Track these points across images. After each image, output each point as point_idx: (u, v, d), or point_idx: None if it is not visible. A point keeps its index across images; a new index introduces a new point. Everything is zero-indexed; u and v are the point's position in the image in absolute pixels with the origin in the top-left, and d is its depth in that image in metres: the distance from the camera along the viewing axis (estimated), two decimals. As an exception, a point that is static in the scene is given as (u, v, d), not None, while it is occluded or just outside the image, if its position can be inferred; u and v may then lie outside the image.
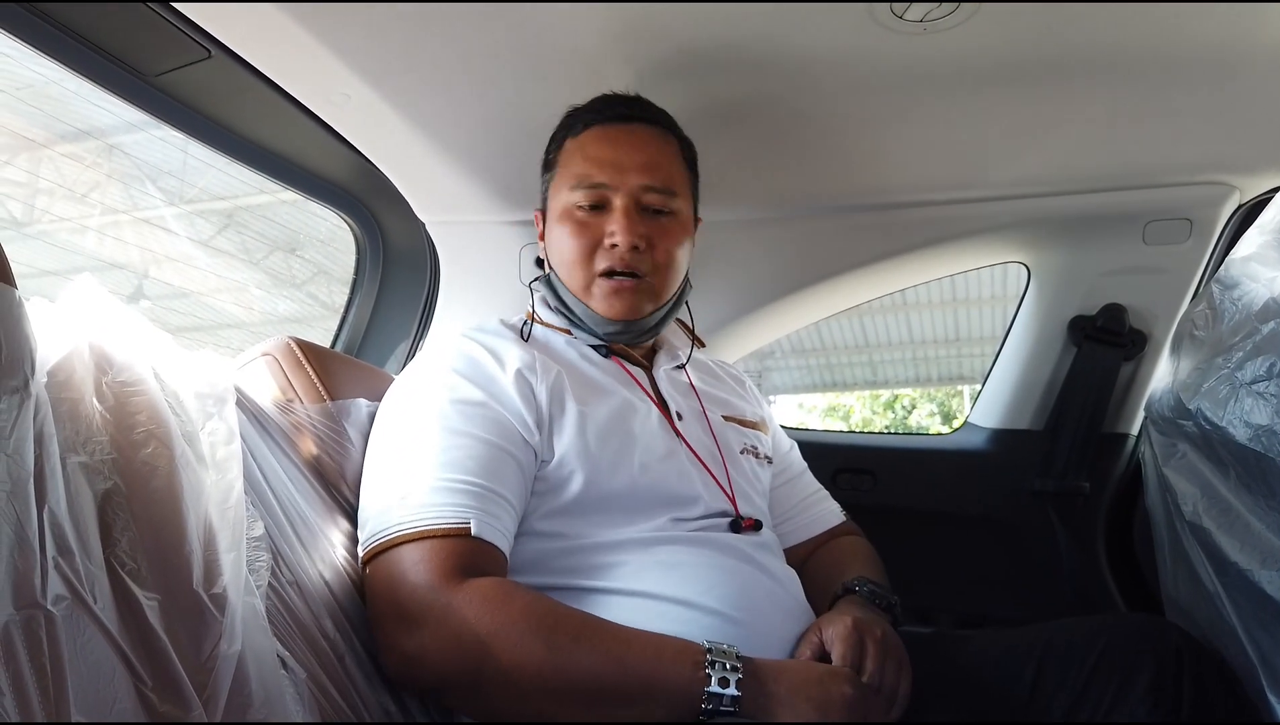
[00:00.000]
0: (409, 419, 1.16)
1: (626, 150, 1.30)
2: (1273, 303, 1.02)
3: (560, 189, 1.32)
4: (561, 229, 1.31)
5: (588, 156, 1.30)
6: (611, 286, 1.28)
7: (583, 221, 1.29)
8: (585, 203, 1.29)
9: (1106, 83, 1.38)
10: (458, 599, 0.98)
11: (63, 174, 2.49)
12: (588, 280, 1.30)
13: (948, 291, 8.73)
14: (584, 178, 1.29)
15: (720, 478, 1.27)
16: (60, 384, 0.77)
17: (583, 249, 1.29)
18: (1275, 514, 0.97)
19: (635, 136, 1.31)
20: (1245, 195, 1.70)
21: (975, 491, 1.95)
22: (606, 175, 1.28)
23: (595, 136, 1.32)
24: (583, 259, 1.29)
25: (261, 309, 3.66)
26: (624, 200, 1.28)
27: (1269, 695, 1.03)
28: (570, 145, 1.33)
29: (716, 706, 0.94)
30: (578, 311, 1.32)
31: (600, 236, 1.28)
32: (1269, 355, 0.98)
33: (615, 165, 1.28)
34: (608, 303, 1.29)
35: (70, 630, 0.64)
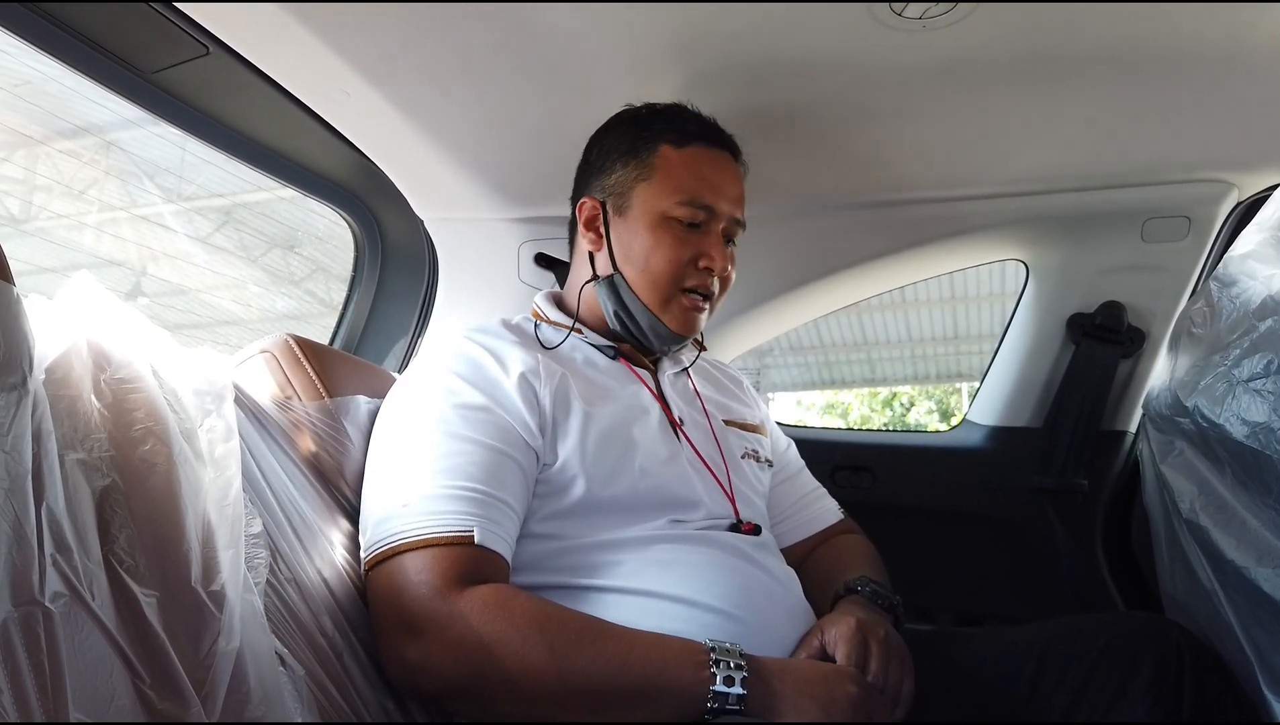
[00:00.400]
0: (411, 423, 1.15)
1: (728, 180, 1.33)
2: (1270, 300, 1.02)
3: (659, 196, 1.30)
4: (656, 236, 1.29)
5: (700, 175, 1.30)
6: (691, 305, 1.31)
7: (683, 237, 1.29)
8: (688, 219, 1.29)
9: (1105, 80, 1.38)
10: (460, 607, 0.98)
11: (60, 171, 2.49)
12: (671, 294, 1.30)
13: (946, 289, 8.74)
14: (695, 195, 1.29)
15: (723, 482, 1.27)
16: (58, 381, 0.77)
17: (679, 264, 1.29)
18: (1271, 511, 0.97)
19: (730, 168, 1.35)
20: (1244, 193, 1.70)
21: (974, 489, 1.95)
22: (714, 200, 1.30)
23: (705, 156, 1.32)
24: (676, 274, 1.29)
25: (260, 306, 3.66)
26: (720, 226, 1.32)
27: (1266, 693, 1.03)
28: (673, 153, 1.31)
29: (722, 705, 0.94)
30: (641, 321, 1.31)
31: (695, 256, 1.29)
32: (1266, 352, 0.98)
33: (721, 192, 1.31)
34: (683, 320, 1.31)
35: (68, 627, 0.64)
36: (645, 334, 1.32)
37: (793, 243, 1.89)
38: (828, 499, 1.51)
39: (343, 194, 1.86)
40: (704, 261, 1.29)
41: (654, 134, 1.32)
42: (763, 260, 1.90)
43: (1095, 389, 1.82)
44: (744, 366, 9.10)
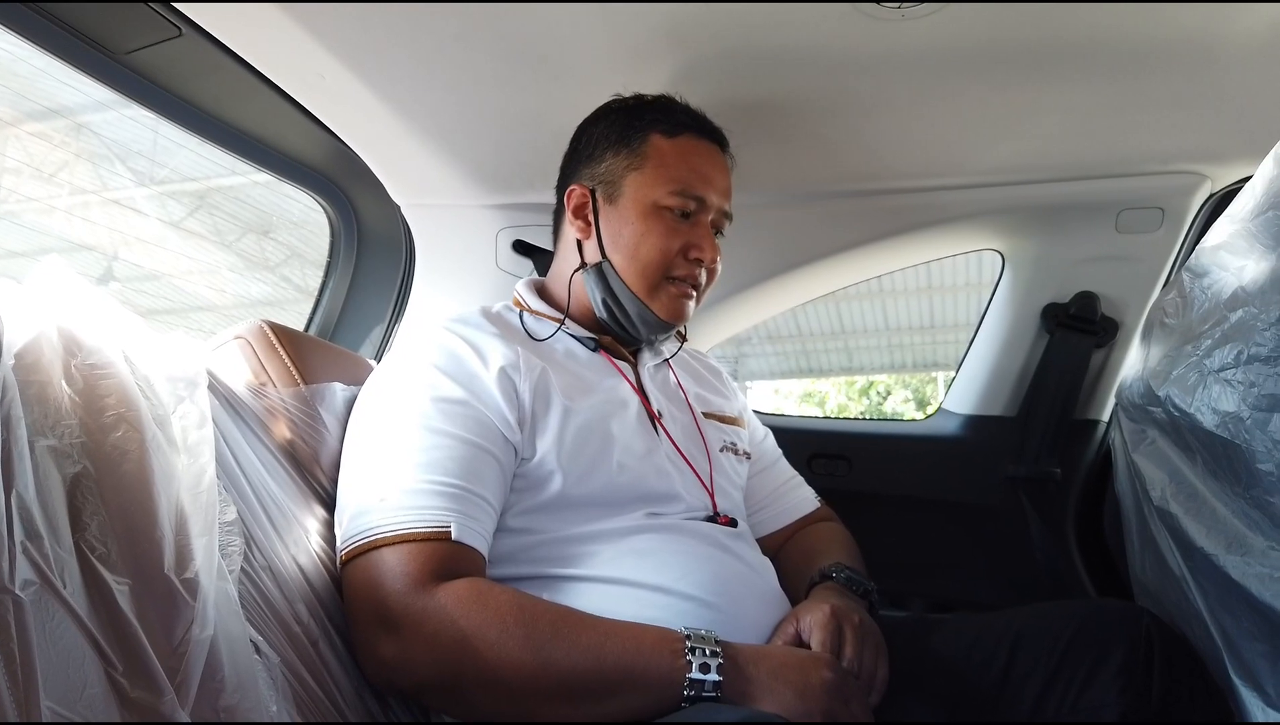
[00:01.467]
0: (388, 416, 1.15)
1: (718, 172, 1.34)
2: (1241, 291, 1.03)
3: (651, 185, 1.30)
4: (647, 225, 1.29)
5: (692, 167, 1.31)
6: (679, 292, 1.31)
7: (674, 227, 1.30)
8: (679, 209, 1.30)
9: (1081, 72, 1.39)
10: (436, 602, 0.98)
11: (30, 153, 2.45)
12: (659, 282, 1.30)
13: (923, 278, 8.79)
14: (687, 186, 1.29)
15: (703, 475, 1.27)
16: (28, 367, 0.76)
17: (669, 253, 1.29)
18: (1241, 500, 0.99)
19: (720, 161, 1.36)
20: (1216, 185, 1.71)
21: (949, 477, 1.97)
22: (705, 191, 1.31)
23: (696, 147, 1.33)
24: (665, 262, 1.29)
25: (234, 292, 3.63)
26: (709, 217, 1.33)
27: (1233, 678, 1.05)
28: (664, 143, 1.31)
29: (698, 692, 0.95)
30: (630, 309, 1.31)
31: (685, 245, 1.30)
32: (1237, 343, 0.99)
33: (712, 183, 1.32)
34: (671, 308, 1.31)
35: (39, 615, 0.63)
36: (633, 322, 1.32)
37: (771, 231, 1.89)
38: (804, 488, 1.52)
39: (318, 179, 1.84)
40: (694, 252, 1.30)
41: (645, 123, 1.32)
42: (741, 249, 1.90)
43: (1069, 378, 1.84)
44: (722, 355, 9.12)
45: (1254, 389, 0.95)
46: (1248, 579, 0.97)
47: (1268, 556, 0.95)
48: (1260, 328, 0.97)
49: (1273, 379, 0.93)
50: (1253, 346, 0.96)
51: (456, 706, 1.02)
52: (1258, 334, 0.97)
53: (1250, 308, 1.00)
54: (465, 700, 0.99)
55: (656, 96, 1.37)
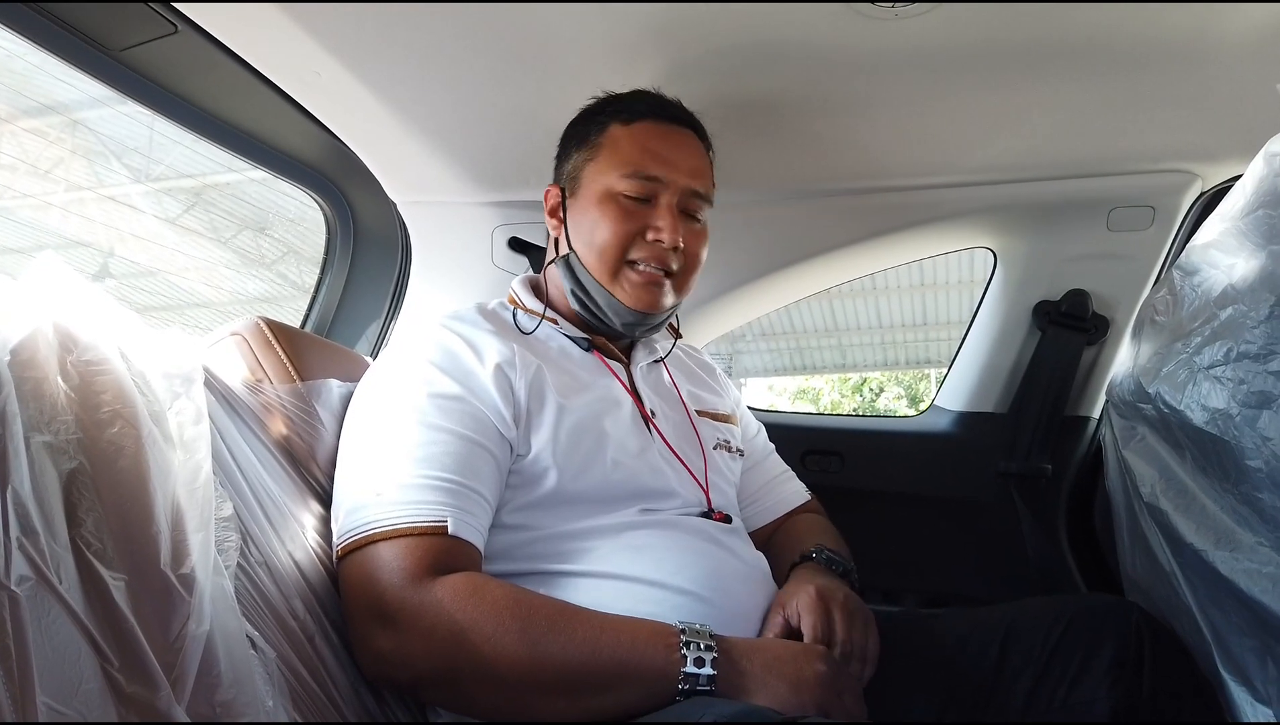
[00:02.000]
0: (385, 412, 1.15)
1: (679, 152, 1.31)
2: (1231, 289, 1.04)
3: (604, 172, 1.30)
4: (601, 211, 1.28)
5: (645, 149, 1.29)
6: (644, 278, 1.28)
7: (628, 210, 1.28)
8: (634, 193, 1.28)
9: (1072, 71, 1.39)
10: (432, 596, 0.98)
11: (25, 149, 2.45)
12: (618, 267, 1.28)
13: (916, 276, 8.80)
14: (639, 168, 1.28)
15: (698, 473, 1.28)
16: (23, 363, 0.76)
17: (623, 236, 1.27)
18: (1230, 496, 0.99)
19: (685, 140, 1.33)
20: (1207, 183, 1.72)
21: (941, 473, 1.97)
22: (661, 171, 1.28)
23: (651, 129, 1.31)
24: (620, 245, 1.27)
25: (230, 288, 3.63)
26: (672, 199, 1.29)
27: (1222, 672, 1.05)
28: (620, 131, 1.31)
29: (693, 687, 0.95)
30: (598, 298, 1.30)
31: (642, 228, 1.28)
32: (1226, 340, 1.00)
33: (669, 164, 1.29)
34: (637, 294, 1.28)
35: (35, 611, 0.64)
36: (606, 313, 1.31)
37: (764, 229, 1.90)
38: (795, 482, 1.53)
39: (314, 176, 1.84)
40: (652, 233, 1.27)
41: (605, 116, 1.33)
42: (735, 246, 1.91)
43: (1060, 375, 1.85)
44: (716, 352, 9.13)
45: (1243, 386, 0.95)
46: (1236, 574, 0.98)
47: (1256, 552, 0.96)
48: (1249, 325, 0.97)
49: (1261, 376, 0.94)
50: (1242, 343, 0.97)
51: (452, 700, 1.03)
52: (1247, 331, 0.97)
53: (1240, 305, 1.01)
54: (461, 694, 1.00)
55: (628, 92, 1.36)
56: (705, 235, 1.35)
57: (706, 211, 1.35)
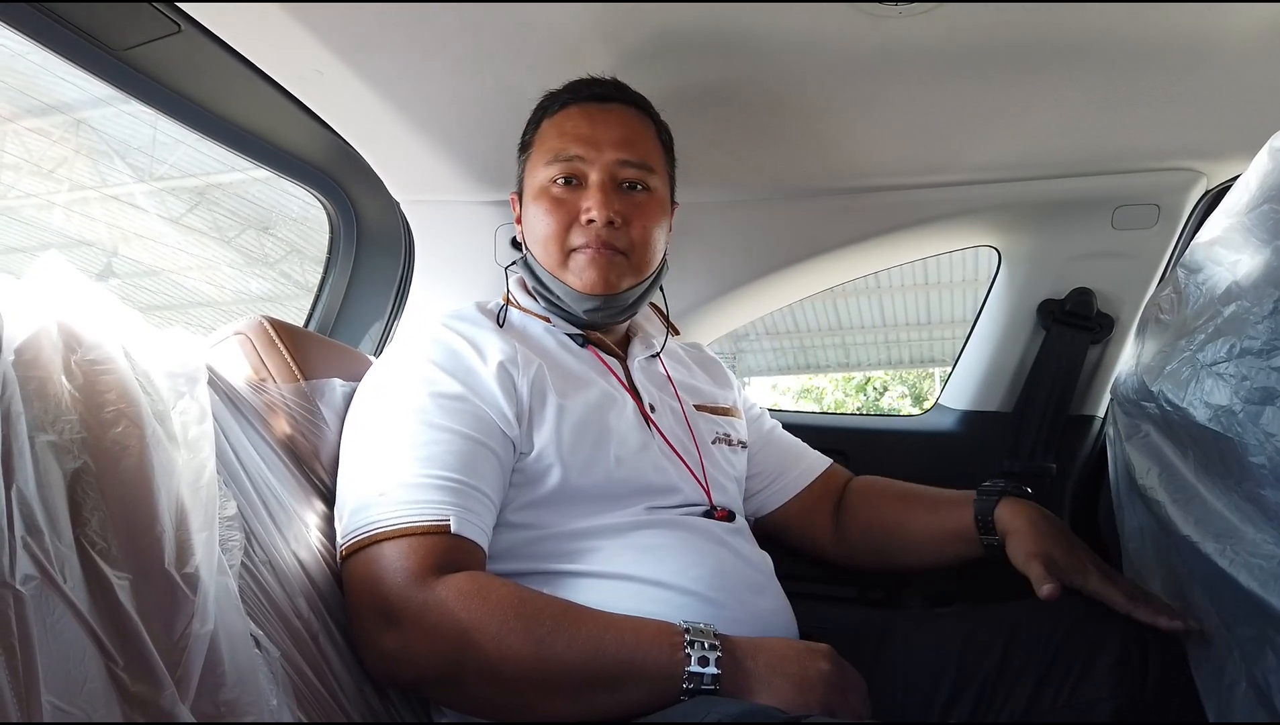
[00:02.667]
0: (387, 411, 1.15)
1: (603, 127, 1.29)
2: (1235, 286, 1.04)
3: (536, 167, 1.31)
4: (537, 206, 1.29)
5: (564, 133, 1.29)
6: (587, 257, 1.26)
7: (558, 198, 1.28)
8: (560, 177, 1.28)
9: (1077, 68, 1.39)
10: (436, 595, 0.98)
11: (29, 149, 2.45)
12: (563, 256, 1.28)
13: (919, 275, 8.81)
14: (559, 152, 1.28)
15: (695, 469, 1.28)
16: (28, 362, 0.76)
17: (559, 225, 1.27)
18: (1233, 493, 0.99)
19: (612, 114, 1.31)
20: (1212, 181, 1.72)
21: (945, 472, 1.96)
22: (582, 149, 1.27)
23: (571, 114, 1.31)
24: (559, 235, 1.27)
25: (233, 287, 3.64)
26: (600, 175, 1.27)
27: (1225, 669, 1.05)
28: (546, 125, 1.32)
29: (697, 686, 0.95)
30: (556, 290, 1.30)
31: (576, 213, 1.27)
32: (1229, 337, 0.99)
33: (591, 141, 1.28)
34: (584, 276, 1.27)
35: (40, 610, 0.64)
36: (566, 303, 1.30)
37: (767, 228, 1.90)
38: (810, 451, 1.57)
39: (317, 175, 1.84)
40: (584, 215, 1.26)
41: (537, 114, 1.35)
42: (737, 245, 1.90)
43: (1065, 374, 1.84)
44: (720, 351, 9.13)
45: (1246, 382, 0.95)
46: (1237, 569, 0.98)
47: (1260, 548, 0.96)
48: (1253, 321, 0.97)
49: (1265, 372, 0.93)
50: (1245, 340, 0.97)
51: (457, 699, 1.03)
52: (1250, 327, 0.97)
53: (1243, 301, 1.01)
54: (465, 693, 1.00)
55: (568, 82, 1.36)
56: (654, 204, 1.31)
57: (656, 181, 1.32)
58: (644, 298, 1.35)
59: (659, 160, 1.34)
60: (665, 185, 1.35)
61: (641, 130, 1.33)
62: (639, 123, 1.33)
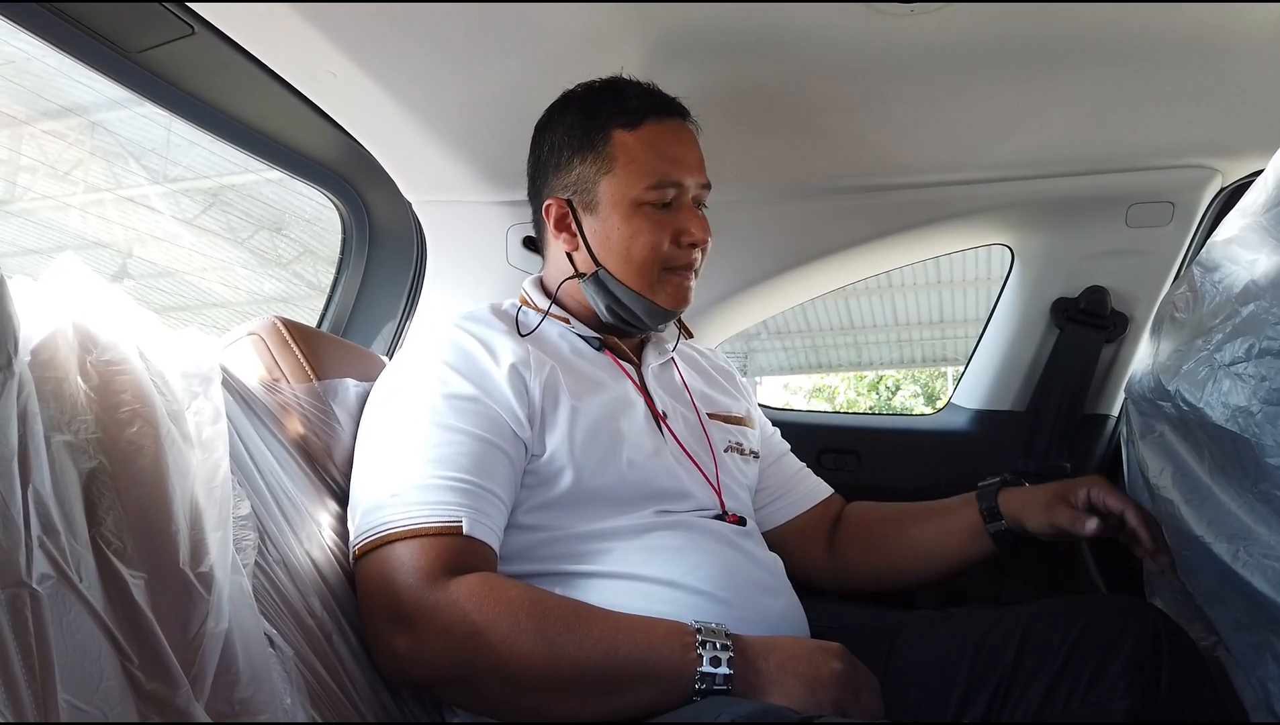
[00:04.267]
0: (400, 412, 1.15)
1: (689, 148, 1.31)
2: (1253, 285, 1.03)
3: (625, 184, 1.27)
4: (634, 225, 1.27)
5: (661, 154, 1.28)
6: (684, 279, 1.30)
7: (658, 219, 1.28)
8: (660, 201, 1.28)
9: (1091, 66, 1.38)
10: (448, 596, 0.98)
11: (45, 151, 2.47)
12: (659, 276, 1.29)
13: (932, 273, 8.78)
14: (663, 176, 1.27)
15: (709, 474, 1.28)
16: (44, 363, 0.77)
17: (660, 246, 1.27)
18: (1249, 493, 0.98)
19: (686, 134, 1.32)
20: (1227, 178, 1.70)
21: (958, 472, 1.96)
22: (680, 174, 1.28)
23: (660, 132, 1.29)
24: (660, 256, 1.28)
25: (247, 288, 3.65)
26: (689, 198, 1.30)
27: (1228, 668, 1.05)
28: (628, 137, 1.28)
29: (709, 686, 0.95)
30: (634, 307, 1.29)
31: (674, 233, 1.28)
32: (1248, 337, 0.99)
33: (685, 164, 1.29)
34: (675, 296, 1.30)
35: (56, 609, 0.64)
36: (639, 318, 1.30)
37: (779, 227, 1.89)
38: (813, 478, 1.55)
39: (330, 176, 1.85)
40: (685, 238, 1.28)
41: (603, 120, 1.29)
42: (749, 244, 1.90)
43: (1078, 373, 1.83)
44: (731, 350, 9.14)
45: (1264, 383, 0.94)
46: (1250, 571, 0.97)
47: (1273, 551, 0.95)
48: (1271, 322, 0.96)
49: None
50: (1264, 340, 0.96)
51: (469, 699, 1.03)
52: (1269, 328, 0.96)
53: (1262, 302, 1.00)
54: (478, 693, 1.00)
55: (605, 83, 1.33)
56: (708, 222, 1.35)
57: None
58: None
59: None
60: None
61: (700, 150, 1.34)
62: (697, 141, 1.35)
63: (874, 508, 1.52)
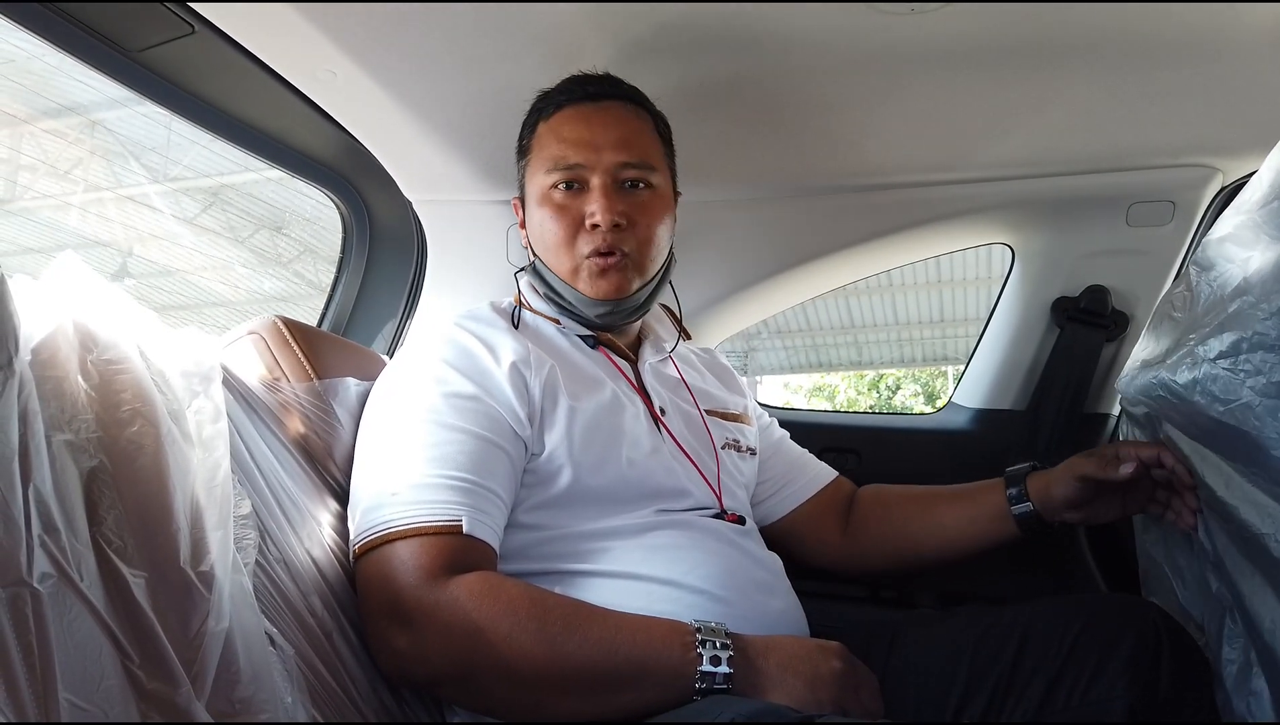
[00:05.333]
0: (400, 411, 1.16)
1: (600, 128, 1.28)
2: (1245, 282, 1.03)
3: (536, 173, 1.30)
4: (541, 213, 1.28)
5: (562, 138, 1.28)
6: (598, 266, 1.26)
7: (561, 204, 1.27)
8: (562, 183, 1.27)
9: (1091, 65, 1.38)
10: (448, 594, 0.98)
11: (45, 150, 2.47)
12: (574, 263, 1.27)
13: (932, 273, 8.78)
14: (559, 159, 1.27)
15: (707, 472, 1.28)
16: (44, 362, 0.77)
17: (565, 232, 1.26)
18: (1252, 487, 0.99)
19: (608, 114, 1.30)
20: (1228, 177, 1.70)
21: (958, 470, 1.95)
22: (582, 155, 1.26)
23: (568, 117, 1.29)
24: (566, 242, 1.27)
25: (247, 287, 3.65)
26: (601, 179, 1.26)
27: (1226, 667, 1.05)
28: (543, 128, 1.31)
29: (710, 685, 0.96)
30: (567, 296, 1.29)
31: (581, 218, 1.26)
32: (1236, 331, 0.99)
33: (590, 144, 1.26)
34: (595, 284, 1.26)
35: (57, 608, 0.64)
36: (578, 308, 1.30)
37: (779, 226, 1.89)
38: (816, 462, 1.57)
39: (330, 175, 1.85)
40: (589, 220, 1.25)
41: (532, 116, 1.34)
42: (748, 244, 1.90)
43: (1079, 372, 1.83)
44: (731, 349, 9.14)
45: (1260, 377, 0.95)
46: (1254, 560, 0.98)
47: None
48: (1261, 317, 0.97)
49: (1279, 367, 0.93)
50: (1256, 335, 0.97)
51: (470, 698, 1.03)
52: (1258, 322, 0.97)
53: (1249, 296, 1.01)
54: (478, 692, 1.00)
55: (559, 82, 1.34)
56: (657, 202, 1.31)
57: (657, 177, 1.31)
58: (654, 296, 1.35)
59: (659, 155, 1.33)
60: (667, 179, 1.34)
61: (639, 126, 1.32)
62: (636, 119, 1.32)
63: (893, 489, 1.52)
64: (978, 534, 1.38)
